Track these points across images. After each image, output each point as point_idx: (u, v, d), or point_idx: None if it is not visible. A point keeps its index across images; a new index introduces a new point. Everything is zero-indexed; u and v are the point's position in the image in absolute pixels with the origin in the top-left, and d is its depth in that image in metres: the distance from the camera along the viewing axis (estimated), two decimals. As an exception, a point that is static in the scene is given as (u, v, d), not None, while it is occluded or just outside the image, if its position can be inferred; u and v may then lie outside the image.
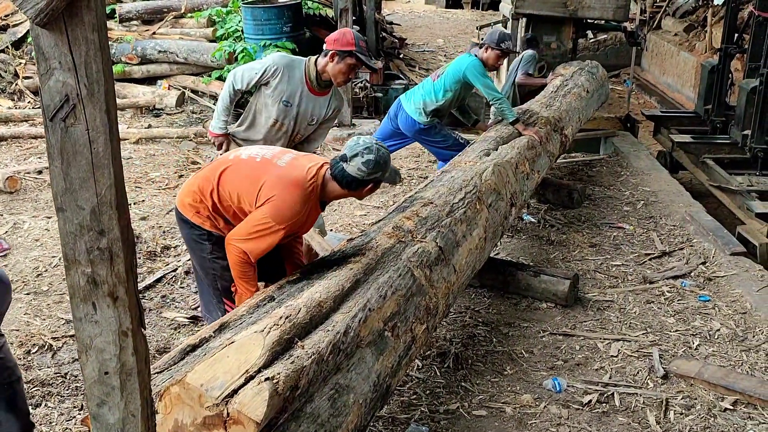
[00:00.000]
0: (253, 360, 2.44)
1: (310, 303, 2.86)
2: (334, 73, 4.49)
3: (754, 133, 7.73)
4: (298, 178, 3.39)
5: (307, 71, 4.54)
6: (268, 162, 3.48)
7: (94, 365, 1.99)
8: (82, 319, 1.96)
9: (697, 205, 6.85)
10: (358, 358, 2.89)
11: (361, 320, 2.95)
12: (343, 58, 4.43)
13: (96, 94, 1.79)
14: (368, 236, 3.69)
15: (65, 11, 1.72)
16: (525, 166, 5.36)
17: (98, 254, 1.90)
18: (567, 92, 7.37)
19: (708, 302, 5.02)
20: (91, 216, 1.87)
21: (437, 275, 3.66)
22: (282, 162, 3.48)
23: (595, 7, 8.82)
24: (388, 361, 3.07)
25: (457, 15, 20.98)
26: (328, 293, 2.99)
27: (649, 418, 3.81)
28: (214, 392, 2.33)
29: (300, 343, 2.64)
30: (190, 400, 2.35)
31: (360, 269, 3.28)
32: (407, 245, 3.63)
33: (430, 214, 4.00)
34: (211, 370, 2.40)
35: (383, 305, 3.14)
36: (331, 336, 2.76)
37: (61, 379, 4.07)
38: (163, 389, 2.40)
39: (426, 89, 6.20)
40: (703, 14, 14.04)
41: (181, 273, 5.27)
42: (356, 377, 2.83)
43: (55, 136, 1.82)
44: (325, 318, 2.88)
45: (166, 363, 2.61)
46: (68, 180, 1.85)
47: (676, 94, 13.38)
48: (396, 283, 3.30)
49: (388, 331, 3.12)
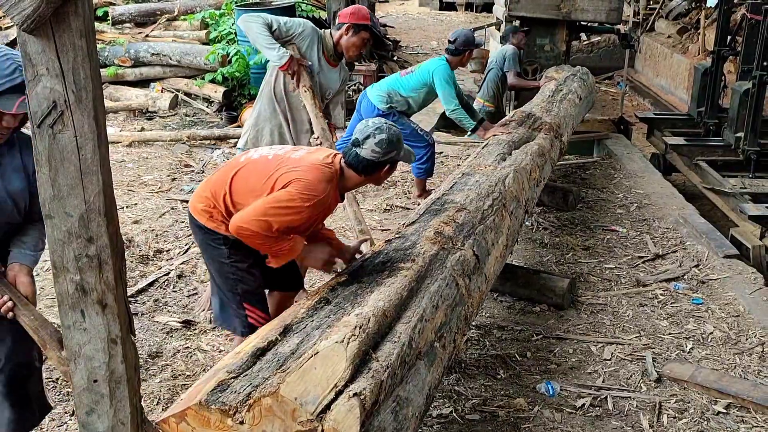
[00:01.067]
0: (339, 373, 2.40)
1: (377, 312, 2.80)
2: (348, 46, 4.56)
3: (747, 135, 7.74)
4: (316, 161, 3.30)
5: (324, 41, 4.56)
6: (281, 157, 3.38)
7: (83, 373, 1.99)
8: (70, 327, 1.95)
9: (691, 208, 6.86)
10: (414, 370, 2.84)
11: (420, 331, 2.91)
12: (357, 32, 4.52)
13: (84, 100, 1.78)
14: (407, 239, 3.62)
15: (52, 17, 1.72)
16: (536, 172, 5.36)
17: (87, 261, 1.89)
18: (563, 98, 7.38)
19: (701, 305, 5.02)
20: (79, 223, 1.86)
21: (474, 284, 3.62)
22: (296, 155, 3.39)
23: (589, 9, 8.84)
24: (437, 373, 3.03)
25: (451, 17, 21.02)
26: (390, 302, 2.93)
27: (643, 421, 3.81)
28: (309, 407, 2.29)
29: (374, 355, 2.60)
30: (282, 413, 2.30)
31: (413, 276, 3.22)
32: (450, 253, 3.58)
33: (465, 220, 3.95)
34: (302, 382, 2.34)
35: (435, 316, 3.10)
36: (399, 348, 2.72)
37: (53, 384, 4.05)
38: (253, 400, 2.31)
39: (391, 81, 6.34)
40: (696, 16, 14.08)
41: (173, 277, 5.25)
42: (413, 389, 2.78)
43: (43, 142, 1.81)
44: (388, 328, 2.83)
45: (239, 367, 2.49)
46: (56, 187, 1.84)
47: (669, 96, 13.41)
48: (444, 292, 3.26)
49: (437, 341, 3.08)
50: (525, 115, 6.37)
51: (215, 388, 2.36)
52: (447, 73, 6.18)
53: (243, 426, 2.28)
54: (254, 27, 4.51)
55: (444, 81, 6.12)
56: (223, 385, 2.39)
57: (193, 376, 4.12)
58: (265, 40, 4.51)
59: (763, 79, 7.56)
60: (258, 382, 2.37)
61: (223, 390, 2.36)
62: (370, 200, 6.86)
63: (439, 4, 22.82)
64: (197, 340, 4.50)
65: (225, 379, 2.41)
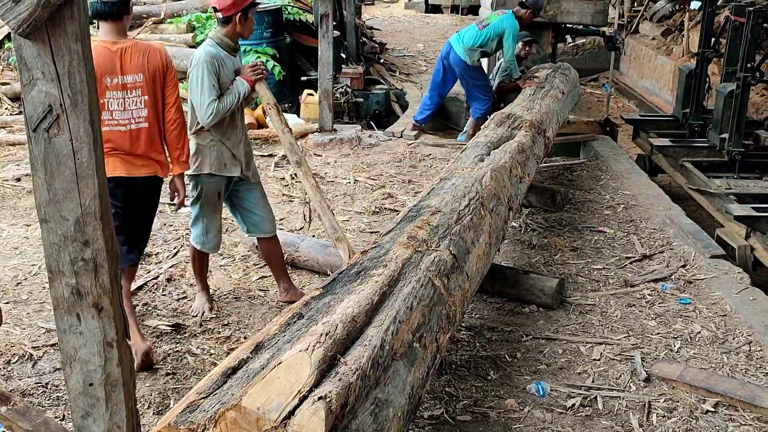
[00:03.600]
0: (303, 379, 2.42)
1: (345, 318, 2.84)
2: (247, 31, 4.54)
3: (732, 136, 7.81)
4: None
5: (222, 45, 4.48)
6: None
7: (79, 377, 1.98)
8: (66, 331, 1.95)
9: (677, 209, 6.91)
10: (393, 371, 2.87)
11: (393, 333, 2.94)
12: (246, 15, 4.46)
13: (80, 104, 1.79)
14: (382, 247, 3.67)
15: (48, 21, 1.72)
16: (518, 169, 5.39)
17: (82, 265, 1.89)
18: (545, 94, 7.42)
19: (688, 305, 5.06)
20: (75, 227, 1.86)
21: (454, 283, 3.66)
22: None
23: (574, 12, 8.91)
24: (419, 372, 3.06)
25: (437, 20, 21.05)
26: (359, 307, 2.96)
27: (632, 421, 3.84)
28: (272, 414, 2.30)
29: (342, 359, 2.63)
30: (247, 424, 2.32)
31: (384, 281, 3.25)
32: (424, 255, 3.62)
33: (440, 222, 3.99)
34: (264, 392, 2.36)
35: (411, 317, 3.12)
36: (370, 351, 2.74)
37: (42, 389, 4.03)
38: (218, 415, 2.34)
39: (473, 35, 8.35)
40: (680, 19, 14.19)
41: (162, 280, 5.24)
42: (393, 390, 2.81)
43: (39, 146, 1.81)
44: (359, 333, 2.86)
45: (209, 387, 2.53)
46: (52, 191, 1.84)
47: (654, 97, 13.51)
48: (419, 293, 3.29)
49: (416, 342, 3.10)
50: (505, 116, 6.41)
51: (185, 409, 2.41)
52: (515, 29, 8.14)
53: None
54: (218, 109, 4.40)
55: (511, 36, 8.11)
56: (193, 405, 2.43)
57: (183, 380, 4.12)
58: (229, 101, 4.43)
59: (746, 81, 7.63)
60: (226, 399, 2.41)
61: (193, 410, 2.41)
62: (358, 203, 6.87)
63: (424, 6, 22.88)
64: (187, 343, 4.50)
65: (195, 400, 2.46)
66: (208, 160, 4.53)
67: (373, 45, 13.96)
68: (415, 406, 3.04)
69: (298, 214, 6.52)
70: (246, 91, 4.48)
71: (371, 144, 8.78)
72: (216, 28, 4.56)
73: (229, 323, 4.73)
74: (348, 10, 11.98)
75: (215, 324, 4.72)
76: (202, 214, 4.68)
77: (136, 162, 4.19)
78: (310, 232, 6.05)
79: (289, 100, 9.83)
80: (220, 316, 4.83)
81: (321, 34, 8.61)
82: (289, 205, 6.81)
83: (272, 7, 10.21)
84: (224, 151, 4.57)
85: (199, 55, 4.41)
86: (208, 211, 4.68)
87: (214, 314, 4.83)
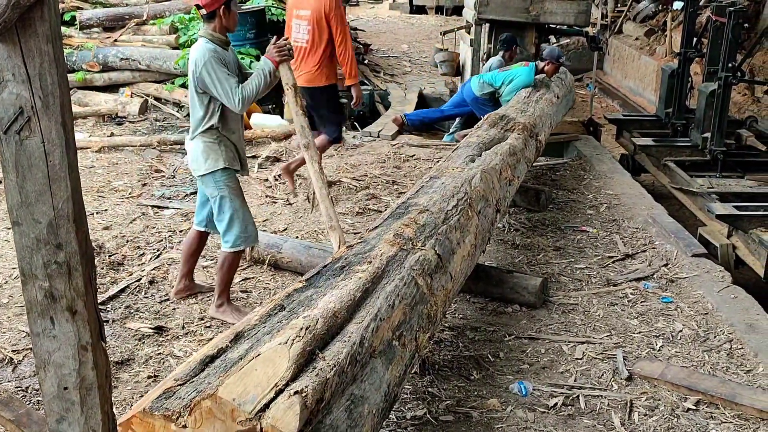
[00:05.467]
0: (281, 373, 2.43)
1: (326, 314, 2.85)
2: (232, 24, 4.57)
3: (714, 135, 7.86)
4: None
5: (215, 41, 4.48)
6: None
7: (53, 380, 1.97)
8: (40, 334, 1.93)
9: (659, 208, 6.94)
10: (370, 368, 2.88)
11: (373, 330, 2.95)
12: (229, 8, 4.48)
13: (51, 106, 1.77)
14: (368, 243, 3.67)
15: (18, 23, 1.71)
16: (508, 172, 5.41)
17: (56, 268, 1.88)
18: (539, 98, 7.44)
19: (670, 303, 5.08)
20: (48, 230, 1.85)
21: (437, 283, 3.66)
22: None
23: (557, 12, 8.94)
24: (396, 371, 3.07)
25: (421, 21, 21.09)
26: (341, 303, 2.97)
27: (614, 419, 3.85)
28: (247, 406, 2.32)
29: (321, 354, 2.64)
30: (222, 414, 2.33)
31: (368, 278, 3.26)
32: (409, 253, 3.63)
33: (427, 221, 4.00)
34: (241, 383, 2.38)
35: (392, 315, 3.14)
36: (349, 347, 2.75)
37: (23, 393, 4.00)
38: (194, 403, 2.36)
39: (486, 76, 8.34)
40: (662, 19, 14.27)
41: (145, 283, 5.21)
42: (369, 387, 2.82)
43: (10, 149, 1.80)
44: (340, 328, 2.88)
45: (186, 374, 2.54)
46: (24, 193, 1.83)
47: (637, 97, 13.58)
48: (402, 291, 3.30)
49: (396, 340, 3.12)
50: (498, 117, 6.43)
51: (161, 395, 2.43)
52: (528, 83, 7.93)
53: (186, 430, 2.33)
54: (246, 93, 4.40)
55: (519, 87, 7.91)
56: (169, 392, 2.45)
57: (165, 383, 4.10)
58: (256, 83, 4.42)
59: (728, 81, 7.68)
60: (203, 388, 2.42)
61: (169, 397, 2.43)
62: (342, 203, 6.86)
63: (409, 7, 22.90)
64: (169, 346, 4.48)
65: (171, 387, 2.48)
66: (222, 156, 4.55)
67: (358, 46, 13.94)
68: (391, 403, 3.04)
69: (282, 215, 6.51)
70: (272, 71, 4.46)
71: (355, 145, 8.78)
72: (203, 26, 4.56)
73: (212, 325, 4.71)
74: (332, 11, 11.95)
75: (197, 326, 4.70)
76: (235, 210, 4.62)
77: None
78: (291, 231, 6.04)
79: (273, 100, 9.80)
80: (203, 318, 4.80)
81: (304, 35, 8.58)
82: (272, 207, 6.80)
83: (255, 8, 10.19)
84: (230, 145, 4.60)
85: (201, 54, 4.41)
86: (239, 202, 4.64)
87: (197, 316, 4.81)
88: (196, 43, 4.56)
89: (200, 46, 4.45)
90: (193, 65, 4.44)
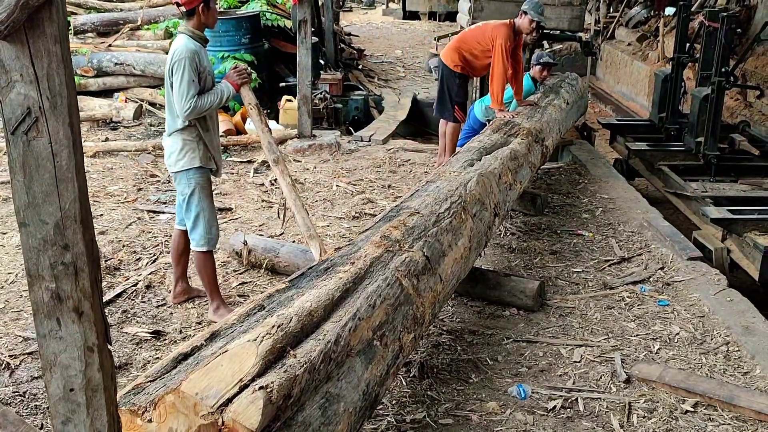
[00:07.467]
0: (246, 369, 2.45)
1: (301, 312, 2.86)
2: (212, 21, 4.57)
3: (707, 139, 7.89)
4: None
5: (195, 38, 4.49)
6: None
7: (59, 382, 1.96)
8: (46, 336, 1.93)
9: (654, 212, 6.97)
10: (348, 367, 2.89)
11: (351, 329, 2.96)
12: (209, 5, 4.49)
13: (59, 106, 1.77)
14: (356, 245, 3.68)
15: (26, 23, 1.70)
16: (508, 176, 5.41)
17: (63, 269, 1.87)
18: (548, 103, 7.47)
19: (667, 306, 5.10)
20: (55, 230, 1.84)
21: (424, 285, 3.67)
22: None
23: (551, 17, 8.97)
24: (377, 370, 3.08)
25: (415, 26, 21.14)
26: (318, 302, 2.99)
27: (613, 422, 3.86)
28: (209, 401, 2.34)
29: (292, 352, 2.65)
30: (185, 408, 2.36)
31: (349, 278, 3.28)
32: (395, 255, 3.64)
33: (416, 223, 4.02)
34: (205, 378, 2.41)
35: (372, 314, 3.15)
36: (322, 345, 2.77)
37: (20, 398, 3.99)
38: (158, 398, 2.39)
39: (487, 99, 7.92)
40: (655, 24, 14.33)
41: (141, 287, 5.20)
42: (346, 386, 2.84)
43: (17, 149, 1.79)
44: (315, 327, 2.89)
45: (158, 372, 2.59)
46: (31, 194, 1.82)
47: (630, 102, 13.62)
48: (384, 292, 3.31)
49: (377, 340, 3.13)
50: (503, 123, 6.45)
51: (129, 391, 2.49)
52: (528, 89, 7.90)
53: (151, 424, 2.37)
54: (198, 105, 4.42)
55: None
56: (139, 388, 2.51)
57: (164, 387, 4.09)
58: (210, 100, 4.46)
59: (721, 85, 7.72)
60: (171, 384, 2.46)
61: (137, 393, 2.48)
62: (338, 208, 6.86)
63: (402, 13, 22.96)
64: (167, 350, 4.46)
65: (142, 383, 2.53)
66: (197, 154, 4.57)
67: (352, 51, 13.98)
68: (371, 402, 3.05)
69: (278, 219, 6.51)
70: (231, 94, 4.53)
71: (350, 149, 8.79)
72: (183, 23, 4.58)
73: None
74: (326, 17, 11.99)
75: (195, 331, 4.69)
76: (202, 209, 4.64)
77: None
78: (288, 236, 6.03)
79: (268, 106, 9.81)
80: (200, 322, 4.80)
81: (299, 40, 8.61)
82: (268, 211, 6.80)
83: (250, 14, 10.19)
84: (206, 144, 4.62)
85: (180, 50, 4.41)
86: (207, 203, 4.67)
87: (194, 320, 4.80)
88: (177, 39, 4.57)
89: (182, 44, 4.46)
90: (170, 59, 4.48)
